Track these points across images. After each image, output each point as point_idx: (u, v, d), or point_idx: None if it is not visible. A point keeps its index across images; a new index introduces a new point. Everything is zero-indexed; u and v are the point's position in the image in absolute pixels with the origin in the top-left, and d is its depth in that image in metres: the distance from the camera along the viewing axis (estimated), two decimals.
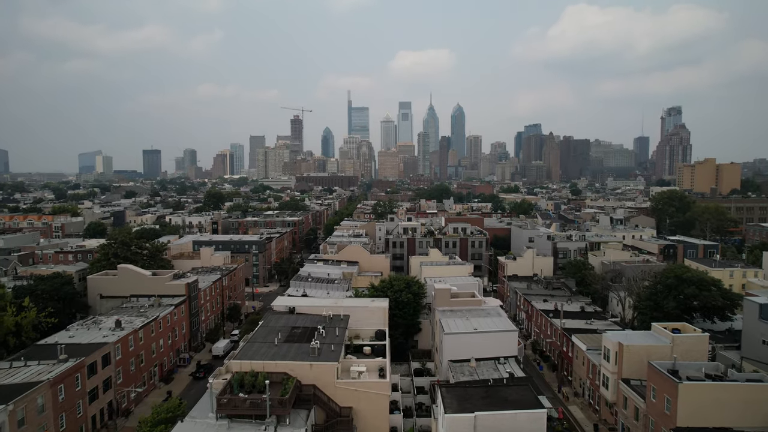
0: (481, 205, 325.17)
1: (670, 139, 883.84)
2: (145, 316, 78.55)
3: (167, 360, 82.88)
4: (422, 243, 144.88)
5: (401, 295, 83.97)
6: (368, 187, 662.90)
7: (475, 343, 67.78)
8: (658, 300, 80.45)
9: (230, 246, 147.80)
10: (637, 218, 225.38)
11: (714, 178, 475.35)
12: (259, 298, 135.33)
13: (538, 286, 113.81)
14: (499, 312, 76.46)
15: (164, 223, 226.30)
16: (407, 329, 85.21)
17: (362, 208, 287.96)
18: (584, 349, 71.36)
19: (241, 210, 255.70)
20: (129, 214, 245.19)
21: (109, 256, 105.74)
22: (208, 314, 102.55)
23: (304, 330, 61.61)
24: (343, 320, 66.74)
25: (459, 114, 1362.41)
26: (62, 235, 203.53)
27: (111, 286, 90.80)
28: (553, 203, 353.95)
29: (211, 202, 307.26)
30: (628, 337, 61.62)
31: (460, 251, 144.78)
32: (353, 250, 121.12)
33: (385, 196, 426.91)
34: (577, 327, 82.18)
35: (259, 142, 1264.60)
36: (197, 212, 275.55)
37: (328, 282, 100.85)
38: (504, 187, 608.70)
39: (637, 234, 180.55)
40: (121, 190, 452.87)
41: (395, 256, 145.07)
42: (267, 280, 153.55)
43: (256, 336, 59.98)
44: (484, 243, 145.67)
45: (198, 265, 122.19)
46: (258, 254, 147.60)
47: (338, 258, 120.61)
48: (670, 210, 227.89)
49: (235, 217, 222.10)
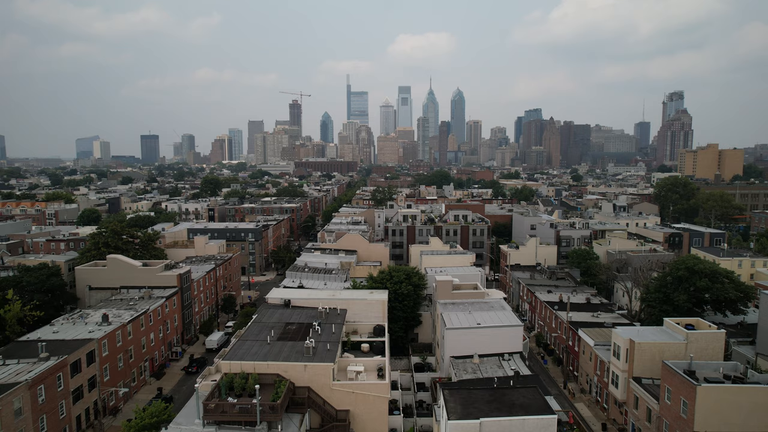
0: (482, 192, 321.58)
1: (671, 124, 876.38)
2: (135, 309, 75.35)
3: (158, 354, 79.91)
4: (422, 231, 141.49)
5: (401, 287, 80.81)
6: (367, 172, 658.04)
7: (479, 338, 64.77)
8: (668, 292, 77.31)
9: (226, 234, 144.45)
10: (640, 205, 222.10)
11: (716, 164, 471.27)
12: (256, 288, 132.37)
13: (541, 276, 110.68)
14: (503, 305, 73.34)
15: (160, 210, 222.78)
16: (407, 322, 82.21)
17: (361, 195, 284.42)
18: (592, 344, 68.37)
19: (239, 196, 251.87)
20: (124, 200, 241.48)
21: (99, 245, 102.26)
22: (201, 305, 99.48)
23: (299, 326, 58.41)
24: (340, 315, 63.58)
25: (459, 99, 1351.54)
26: (56, 222, 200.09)
27: (100, 278, 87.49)
28: (555, 189, 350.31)
29: (208, 189, 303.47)
30: (640, 333, 58.49)
31: (461, 239, 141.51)
32: (352, 238, 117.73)
33: (385, 182, 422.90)
34: (584, 320, 79.22)
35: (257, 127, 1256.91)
36: (194, 198, 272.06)
37: (326, 272, 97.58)
38: (504, 172, 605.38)
39: (641, 221, 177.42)
40: (118, 176, 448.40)
41: (395, 244, 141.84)
42: (264, 268, 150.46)
43: (248, 333, 56.76)
44: (486, 231, 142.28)
45: (192, 254, 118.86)
46: (254, 242, 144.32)
47: (336, 247, 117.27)
48: (674, 197, 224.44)
49: (232, 203, 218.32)
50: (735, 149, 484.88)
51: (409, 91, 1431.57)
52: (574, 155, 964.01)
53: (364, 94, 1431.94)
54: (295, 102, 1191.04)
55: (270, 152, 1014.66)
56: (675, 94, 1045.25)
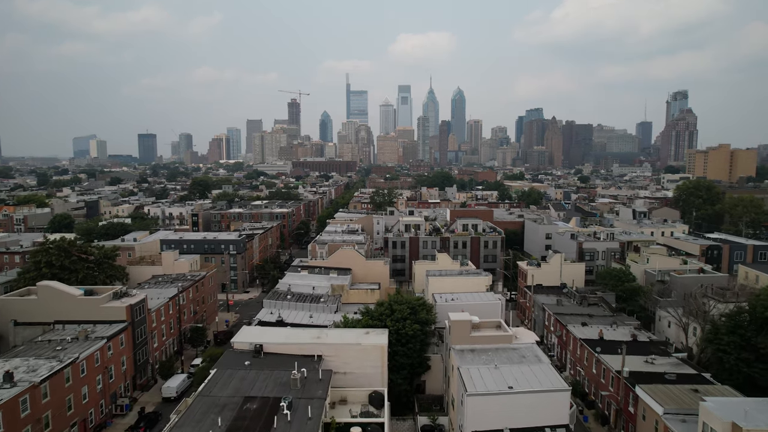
0: (486, 194, 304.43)
1: (676, 124, 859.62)
2: (59, 358, 58.12)
3: (96, 411, 62.78)
4: (427, 243, 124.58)
5: (404, 325, 63.80)
6: (367, 172, 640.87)
7: (511, 407, 47.75)
8: (747, 336, 60.29)
9: (204, 246, 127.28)
10: (660, 211, 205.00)
11: (728, 165, 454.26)
12: (236, 309, 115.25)
13: (570, 301, 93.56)
14: (537, 355, 56.26)
15: (141, 214, 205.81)
16: (412, 369, 65.20)
17: (359, 197, 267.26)
18: (660, 413, 51.29)
19: (228, 200, 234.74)
20: (104, 204, 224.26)
21: (41, 265, 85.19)
22: (163, 339, 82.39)
23: (261, 406, 41.03)
24: (322, 381, 46.38)
25: (459, 98, 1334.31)
26: (24, 228, 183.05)
27: (29, 310, 70.29)
28: (563, 192, 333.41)
29: (197, 191, 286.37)
30: (748, 414, 41.37)
31: (470, 252, 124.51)
32: (346, 255, 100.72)
33: (384, 182, 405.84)
34: (637, 369, 62.16)
35: (256, 126, 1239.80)
36: (182, 201, 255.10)
37: (312, 300, 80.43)
38: (507, 173, 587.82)
39: (666, 230, 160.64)
40: (107, 176, 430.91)
41: (395, 258, 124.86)
42: (247, 284, 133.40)
43: (187, 419, 39.43)
44: (499, 243, 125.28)
45: (160, 272, 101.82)
46: (236, 256, 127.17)
47: (327, 265, 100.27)
48: (697, 201, 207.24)
49: (219, 208, 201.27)
50: (748, 149, 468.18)
51: (409, 90, 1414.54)
52: (577, 155, 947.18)
53: (364, 93, 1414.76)
54: (293, 101, 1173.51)
55: (268, 151, 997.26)
56: (679, 94, 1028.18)
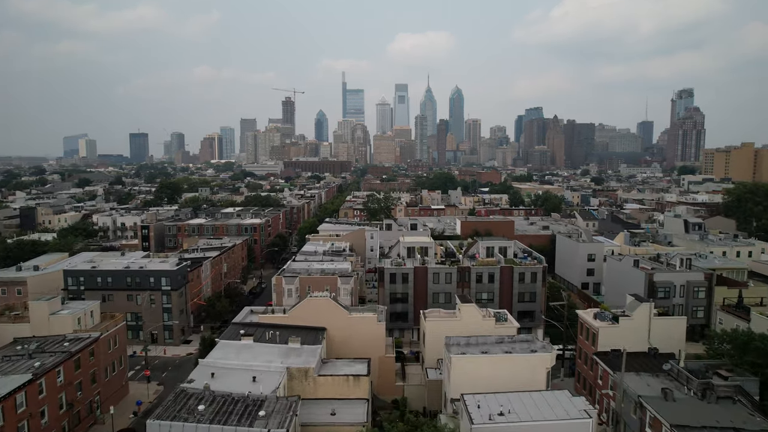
0: (494, 198, 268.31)
1: (682, 123, 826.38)
2: None
3: None
4: (439, 276, 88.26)
5: None
6: (362, 172, 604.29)
7: None
8: None
9: (125, 280, 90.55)
10: (712, 220, 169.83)
11: (752, 165, 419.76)
12: (160, 377, 78.84)
13: (680, 386, 57.26)
14: None
15: (86, 225, 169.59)
16: None
17: (351, 203, 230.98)
18: None
19: (193, 207, 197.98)
20: (43, 212, 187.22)
21: None
22: None
23: None
24: None
25: (457, 97, 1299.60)
26: None
27: None
28: (579, 195, 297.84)
29: (165, 195, 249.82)
30: None
31: (501, 289, 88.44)
32: (318, 306, 64.39)
33: (381, 184, 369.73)
34: None
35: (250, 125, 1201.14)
36: (145, 207, 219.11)
37: (242, 416, 44.07)
38: (511, 174, 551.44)
39: (743, 248, 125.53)
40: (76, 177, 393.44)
41: (394, 298, 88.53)
42: (190, 330, 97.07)
43: None
44: (540, 276, 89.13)
45: (27, 333, 65.51)
46: (172, 292, 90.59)
47: (288, 322, 64.02)
48: (756, 209, 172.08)
49: (178, 218, 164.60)
50: None
51: (406, 89, 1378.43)
52: (579, 155, 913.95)
53: (360, 92, 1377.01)
54: (288, 99, 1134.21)
55: (261, 151, 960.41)
56: (684, 92, 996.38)
